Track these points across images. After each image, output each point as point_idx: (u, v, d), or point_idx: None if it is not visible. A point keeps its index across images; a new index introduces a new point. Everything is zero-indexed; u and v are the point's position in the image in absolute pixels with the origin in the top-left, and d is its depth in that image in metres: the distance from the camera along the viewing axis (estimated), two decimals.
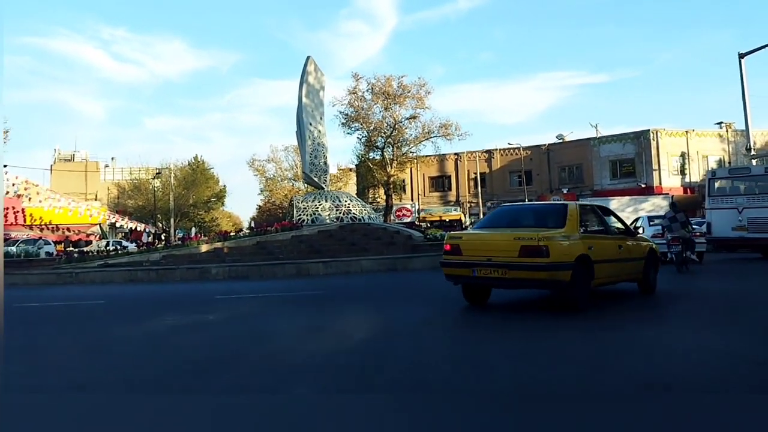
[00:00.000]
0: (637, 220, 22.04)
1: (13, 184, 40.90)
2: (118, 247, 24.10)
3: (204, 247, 20.77)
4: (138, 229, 50.29)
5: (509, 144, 51.35)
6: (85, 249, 30.34)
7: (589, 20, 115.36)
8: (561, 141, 50.87)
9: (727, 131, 44.68)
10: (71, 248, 32.70)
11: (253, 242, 21.57)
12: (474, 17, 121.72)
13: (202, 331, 7.41)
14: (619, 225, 9.82)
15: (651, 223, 19.53)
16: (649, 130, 43.88)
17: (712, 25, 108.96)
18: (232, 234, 22.94)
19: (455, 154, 52.32)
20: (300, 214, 24.78)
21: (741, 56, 29.91)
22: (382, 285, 13.86)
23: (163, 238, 47.83)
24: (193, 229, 54.80)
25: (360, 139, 45.91)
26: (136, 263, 19.06)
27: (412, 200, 53.47)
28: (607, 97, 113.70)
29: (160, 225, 60.68)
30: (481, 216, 50.50)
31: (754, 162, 28.67)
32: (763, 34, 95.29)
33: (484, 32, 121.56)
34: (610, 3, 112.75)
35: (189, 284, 15.67)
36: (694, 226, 17.14)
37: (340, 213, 24.90)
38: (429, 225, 42.89)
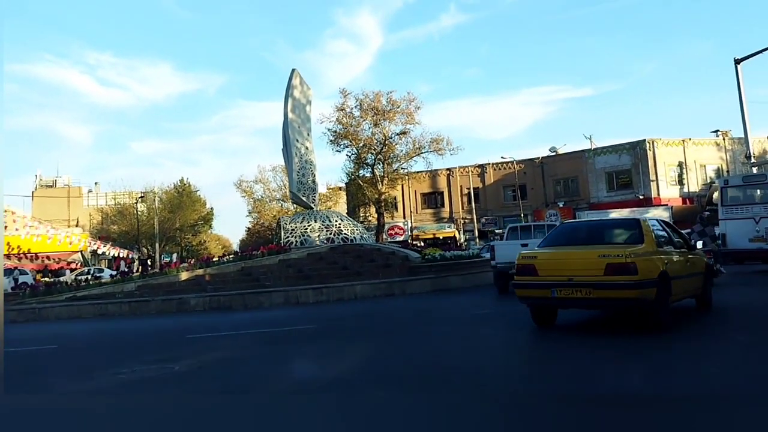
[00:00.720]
0: None
1: None
2: (89, 277, 22.35)
3: (184, 275, 19.13)
4: (121, 255, 48.45)
5: (502, 158, 50.17)
6: (61, 279, 28.57)
7: (568, 35, 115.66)
8: (554, 154, 49.76)
9: (724, 139, 43.76)
10: (47, 278, 30.91)
11: (237, 268, 19.95)
12: (458, 34, 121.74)
13: (157, 392, 5.85)
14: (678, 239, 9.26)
15: None
16: (645, 140, 42.85)
17: (690, 37, 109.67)
18: (215, 259, 21.29)
19: (447, 169, 51.05)
20: (288, 236, 23.23)
21: (737, 62, 28.89)
22: (383, 314, 12.33)
23: (149, 263, 46.04)
24: (174, 255, 53.05)
25: (349, 157, 44.55)
26: (108, 295, 17.40)
27: (404, 218, 52.06)
28: (593, 111, 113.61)
29: (145, 250, 58.87)
30: (476, 233, 49.16)
31: (754, 170, 27.61)
32: (742, 44, 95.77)
33: (468, 49, 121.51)
34: (588, 18, 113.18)
35: (164, 318, 14.05)
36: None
37: (330, 234, 23.38)
38: (423, 243, 41.53)
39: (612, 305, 7.81)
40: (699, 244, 15.95)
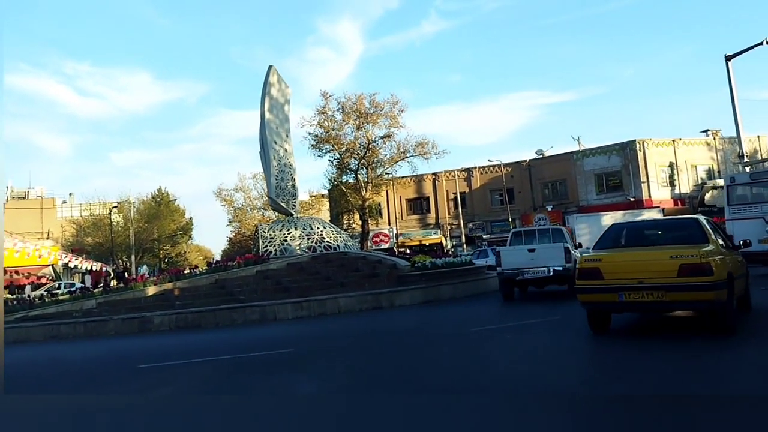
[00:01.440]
0: None
1: None
2: (45, 294, 20.46)
3: (151, 290, 17.43)
4: (94, 268, 46.34)
5: (489, 161, 48.88)
6: (24, 295, 26.61)
7: (546, 41, 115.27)
8: (541, 156, 48.58)
9: (714, 139, 42.90)
10: (12, 294, 28.93)
11: (210, 281, 18.29)
12: (439, 41, 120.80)
13: None
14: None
15: None
16: (635, 140, 41.82)
17: (669, 42, 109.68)
18: (186, 272, 19.59)
19: (433, 174, 49.66)
20: (266, 245, 21.60)
21: (728, 59, 28.02)
22: (373, 332, 10.76)
23: (126, 276, 44.07)
24: (145, 267, 51.06)
25: (331, 162, 42.99)
26: (65, 314, 15.64)
27: (389, 225, 50.52)
28: (576, 116, 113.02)
29: (122, 262, 56.67)
30: (463, 238, 47.77)
31: (747, 169, 26.62)
32: (720, 48, 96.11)
33: (449, 55, 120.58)
34: (566, 24, 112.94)
35: (122, 340, 12.38)
36: None
37: (312, 242, 21.81)
38: (409, 250, 40.01)
39: (685, 308, 7.62)
40: None
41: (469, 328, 9.86)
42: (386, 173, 43.89)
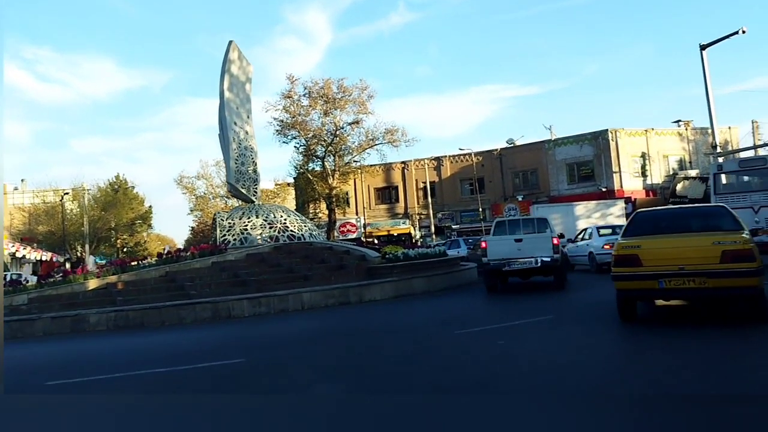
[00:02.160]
0: (585, 231, 20.35)
1: None
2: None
3: (92, 283, 15.62)
4: (43, 259, 43.71)
5: (460, 149, 47.71)
6: None
7: (513, 33, 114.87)
8: (512, 145, 47.58)
9: (686, 129, 42.48)
10: None
11: (160, 273, 16.55)
12: (407, 32, 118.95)
13: None
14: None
15: (600, 233, 18.61)
16: (607, 130, 41.11)
17: (631, 39, 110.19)
18: (133, 263, 17.76)
19: (402, 162, 48.21)
20: (224, 234, 19.92)
21: (702, 48, 27.31)
22: (340, 334, 9.32)
23: (82, 266, 41.60)
24: (91, 258, 48.56)
25: (297, 148, 41.22)
26: None
27: (357, 214, 49.00)
28: (543, 108, 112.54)
29: (75, 252, 53.93)
30: (432, 228, 46.59)
31: (720, 159, 26.02)
32: (682, 44, 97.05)
33: (417, 47, 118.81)
34: (532, 17, 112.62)
35: (47, 344, 10.67)
36: None
37: (274, 231, 20.19)
38: (377, 240, 38.61)
39: (727, 295, 7.26)
40: (595, 242, 16.15)
41: (451, 329, 8.50)
42: (354, 161, 42.42)
